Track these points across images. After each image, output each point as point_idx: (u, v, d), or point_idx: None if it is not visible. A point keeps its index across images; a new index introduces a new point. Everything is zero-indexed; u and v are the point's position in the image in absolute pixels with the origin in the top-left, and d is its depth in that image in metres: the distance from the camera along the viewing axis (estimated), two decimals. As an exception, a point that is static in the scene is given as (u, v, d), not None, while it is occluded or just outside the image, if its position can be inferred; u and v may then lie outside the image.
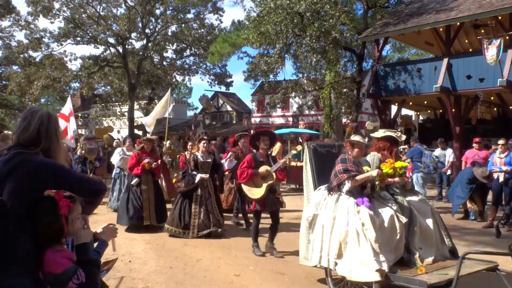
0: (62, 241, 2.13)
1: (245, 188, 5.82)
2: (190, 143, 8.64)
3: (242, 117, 34.31)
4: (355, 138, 4.34)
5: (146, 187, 7.41)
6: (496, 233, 6.98)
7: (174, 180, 7.66)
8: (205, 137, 7.27)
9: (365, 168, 4.33)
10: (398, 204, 4.28)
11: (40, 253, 2.07)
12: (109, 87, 30.32)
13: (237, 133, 7.87)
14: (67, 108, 10.71)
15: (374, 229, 3.86)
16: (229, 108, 36.03)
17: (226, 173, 8.09)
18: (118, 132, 31.47)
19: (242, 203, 7.41)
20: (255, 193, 5.73)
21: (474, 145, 9.26)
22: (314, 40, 14.39)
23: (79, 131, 32.58)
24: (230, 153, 7.60)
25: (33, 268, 2.04)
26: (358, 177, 4.12)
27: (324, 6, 14.26)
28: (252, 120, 31.52)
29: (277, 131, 19.38)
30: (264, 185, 5.71)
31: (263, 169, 5.74)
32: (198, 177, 6.83)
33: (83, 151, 10.24)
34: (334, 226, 4.10)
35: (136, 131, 28.36)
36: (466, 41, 16.75)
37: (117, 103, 30.23)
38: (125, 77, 26.93)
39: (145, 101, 29.92)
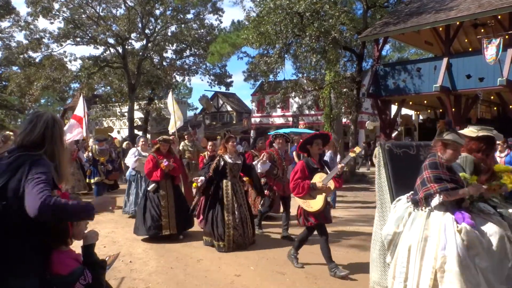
0: (68, 242, 2.16)
1: (299, 200, 4.94)
2: (210, 143, 8.21)
3: (242, 117, 34.33)
4: (450, 137, 3.36)
5: (165, 192, 6.66)
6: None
7: (194, 185, 6.78)
8: (232, 135, 6.32)
9: (462, 174, 3.40)
10: (504, 220, 3.35)
11: (47, 254, 2.08)
12: (109, 87, 30.31)
13: (272, 133, 7.01)
14: (80, 109, 10.43)
15: (485, 255, 3.03)
16: (229, 108, 36.05)
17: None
18: (118, 132, 31.49)
19: (269, 207, 7.03)
20: (313, 205, 4.86)
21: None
22: (313, 40, 14.40)
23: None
24: (263, 154, 6.68)
25: (39, 269, 2.04)
26: (460, 192, 3.19)
27: (323, 6, 14.27)
28: (252, 120, 31.53)
29: (277, 131, 19.40)
30: (321, 196, 4.86)
31: (318, 177, 4.86)
32: (200, 180, 6.17)
33: (90, 154, 9.81)
34: (426, 249, 3.20)
35: (136, 131, 28.37)
36: (466, 40, 16.77)
37: (117, 104, 30.24)
38: (125, 78, 26.92)
39: (145, 102, 29.92)
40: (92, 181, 9.90)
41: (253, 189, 7.17)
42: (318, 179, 4.86)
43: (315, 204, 4.84)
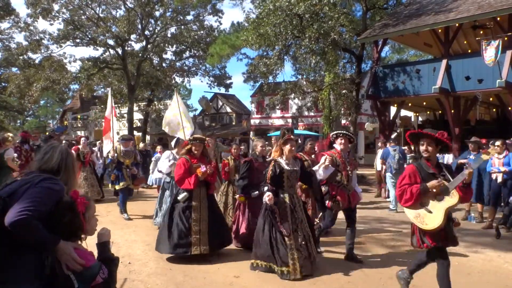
0: (81, 238, 2.28)
1: (410, 213, 3.82)
2: (234, 146, 7.39)
3: (241, 118, 34.33)
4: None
5: (198, 203, 5.61)
6: (496, 234, 6.99)
7: (241, 199, 6.06)
8: (291, 137, 5.18)
9: None
10: None
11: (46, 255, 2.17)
12: (108, 88, 30.31)
13: (332, 133, 5.82)
14: (108, 108, 9.65)
15: None
16: (228, 110, 36.05)
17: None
18: (118, 133, 31.46)
19: (332, 222, 5.55)
20: (428, 221, 3.72)
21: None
22: (313, 42, 14.42)
23: (79, 132, 32.70)
24: (324, 157, 5.24)
25: (37, 275, 2.13)
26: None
27: (323, 8, 14.29)
28: (252, 121, 31.54)
29: (276, 133, 19.41)
30: (440, 209, 3.69)
31: (434, 184, 3.69)
32: (268, 195, 4.95)
33: (115, 154, 8.68)
34: None
35: (135, 132, 28.37)
36: (465, 42, 16.81)
37: (116, 105, 30.21)
38: (125, 79, 26.92)
39: (144, 103, 29.93)
40: (117, 187, 8.62)
41: (309, 200, 6.37)
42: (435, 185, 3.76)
43: (432, 220, 3.70)
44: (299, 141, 7.02)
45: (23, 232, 2.03)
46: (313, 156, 6.96)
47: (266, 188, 5.04)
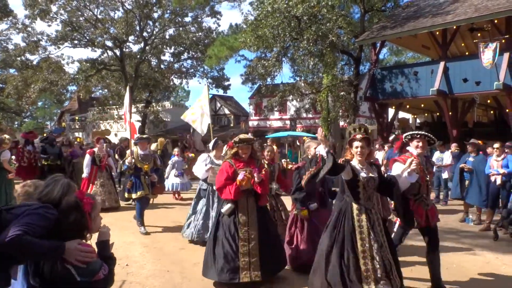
0: (86, 237, 2.32)
1: None
2: (268, 148, 6.54)
3: (239, 120, 34.33)
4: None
5: (246, 217, 4.69)
6: (494, 236, 7.00)
7: (304, 213, 5.14)
8: (364, 135, 3.98)
9: None
10: None
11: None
12: (106, 90, 30.26)
13: (405, 134, 4.77)
14: (125, 104, 8.67)
15: None
16: (226, 111, 36.04)
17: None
18: (116, 135, 31.42)
19: (400, 240, 4.62)
20: None
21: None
22: (311, 44, 14.43)
23: (76, 134, 32.64)
24: (411, 159, 4.16)
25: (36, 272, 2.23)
26: None
27: (321, 10, 14.32)
28: (250, 123, 31.53)
29: (274, 135, 19.40)
30: None
31: None
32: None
33: (133, 160, 7.42)
34: None
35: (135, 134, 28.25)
36: (463, 44, 16.86)
37: (114, 106, 30.19)
38: (123, 80, 26.87)
39: (142, 104, 29.89)
40: (134, 196, 7.43)
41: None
42: None
43: None
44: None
45: (18, 249, 2.07)
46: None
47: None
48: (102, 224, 2.46)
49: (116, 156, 11.90)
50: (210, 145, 6.93)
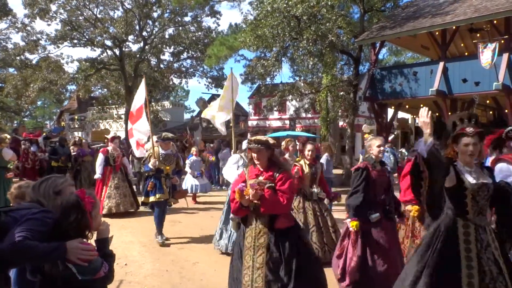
0: (88, 236, 2.32)
1: None
2: (309, 147, 5.87)
3: (239, 120, 34.32)
4: None
5: (251, 240, 3.76)
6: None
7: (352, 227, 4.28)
8: (480, 128, 2.97)
9: None
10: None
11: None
12: (105, 89, 30.26)
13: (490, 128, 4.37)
14: (140, 97, 7.28)
15: None
16: (226, 111, 36.00)
17: None
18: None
19: None
20: None
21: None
22: (311, 44, 14.43)
23: (76, 133, 32.62)
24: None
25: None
26: None
27: (320, 10, 14.32)
28: (249, 123, 31.53)
29: (273, 134, 19.41)
30: None
31: None
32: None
33: (156, 162, 6.56)
34: None
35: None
36: (462, 45, 16.86)
37: (113, 106, 30.19)
38: (122, 80, 26.86)
39: (142, 104, 29.88)
40: (152, 198, 6.55)
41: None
42: None
43: None
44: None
45: (20, 255, 2.08)
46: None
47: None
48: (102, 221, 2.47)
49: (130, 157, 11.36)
50: (244, 144, 5.96)
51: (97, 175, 8.84)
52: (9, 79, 26.97)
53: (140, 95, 7.28)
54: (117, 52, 26.31)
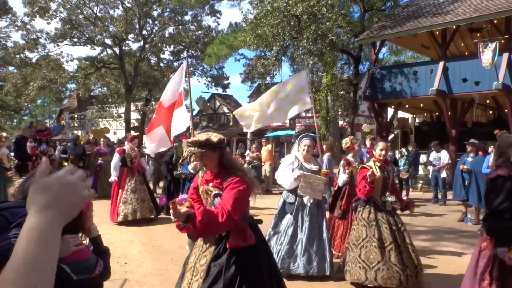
0: (82, 237, 2.29)
1: None
2: (383, 145, 4.87)
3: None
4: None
5: (193, 260, 3.30)
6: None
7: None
8: None
9: None
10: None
11: None
12: (105, 88, 30.25)
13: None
14: (179, 83, 6.22)
15: None
16: (226, 110, 36.00)
17: None
18: (115, 133, 31.40)
19: None
20: None
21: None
22: (311, 43, 14.43)
23: (75, 132, 32.59)
24: None
25: None
26: None
27: (321, 9, 14.31)
28: (249, 122, 31.51)
29: (273, 133, 19.42)
30: None
31: None
32: None
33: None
34: None
35: (132, 132, 28.29)
36: (462, 44, 16.86)
37: (113, 105, 30.20)
38: (122, 79, 26.87)
39: (141, 103, 29.88)
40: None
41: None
42: None
43: None
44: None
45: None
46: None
47: None
48: (97, 225, 2.47)
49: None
50: (299, 142, 5.08)
51: (112, 178, 8.04)
52: (9, 77, 26.96)
53: (179, 80, 6.29)
54: (117, 51, 26.30)
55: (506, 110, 13.08)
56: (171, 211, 2.60)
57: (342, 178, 5.69)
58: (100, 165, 10.79)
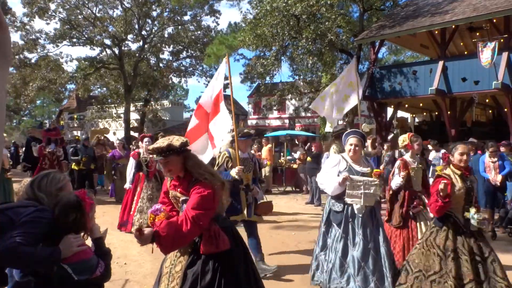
0: (83, 237, 2.32)
1: None
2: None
3: (238, 119, 34.34)
4: None
5: (168, 264, 3.29)
6: (492, 235, 7.02)
7: None
8: None
9: None
10: None
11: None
12: (105, 88, 30.23)
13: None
14: (219, 81, 5.72)
15: None
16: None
17: None
18: (114, 134, 31.39)
19: None
20: None
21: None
22: (310, 43, 14.44)
23: (75, 132, 32.59)
24: None
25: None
26: None
27: (320, 9, 14.31)
28: (249, 122, 31.53)
29: (273, 133, 19.42)
30: None
31: None
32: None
33: (242, 169, 4.86)
34: None
35: (132, 133, 28.29)
36: (461, 43, 16.87)
37: (113, 105, 30.18)
38: (121, 79, 26.86)
39: (141, 103, 29.88)
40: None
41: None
42: None
43: None
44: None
45: (13, 261, 2.04)
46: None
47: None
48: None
49: None
50: (345, 139, 4.41)
51: (127, 185, 7.44)
52: (8, 78, 26.92)
53: (220, 79, 5.70)
54: (116, 51, 26.29)
55: (505, 109, 13.09)
56: (135, 238, 2.57)
57: (396, 181, 4.83)
58: (114, 168, 10.27)
